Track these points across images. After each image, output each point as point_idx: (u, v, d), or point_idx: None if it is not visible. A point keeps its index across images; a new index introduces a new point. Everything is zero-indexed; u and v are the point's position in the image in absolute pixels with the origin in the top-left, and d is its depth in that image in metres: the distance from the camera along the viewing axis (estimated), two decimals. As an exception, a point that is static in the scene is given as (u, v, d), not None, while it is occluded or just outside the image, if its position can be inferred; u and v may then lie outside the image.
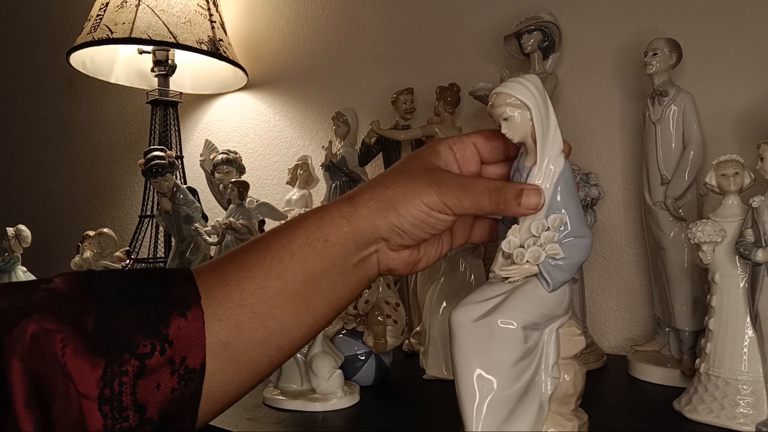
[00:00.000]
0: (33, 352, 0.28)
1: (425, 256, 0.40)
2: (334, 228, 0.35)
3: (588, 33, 0.92)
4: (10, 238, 1.02)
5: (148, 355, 0.30)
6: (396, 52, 1.13)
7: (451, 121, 0.92)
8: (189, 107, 1.42)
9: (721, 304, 0.56)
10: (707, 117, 0.75)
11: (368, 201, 0.36)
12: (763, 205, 0.53)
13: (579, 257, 0.34)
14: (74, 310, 0.30)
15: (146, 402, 0.30)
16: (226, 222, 0.96)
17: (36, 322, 0.28)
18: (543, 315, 0.34)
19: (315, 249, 0.35)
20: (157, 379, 0.30)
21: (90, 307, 0.30)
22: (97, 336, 0.29)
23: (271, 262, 0.34)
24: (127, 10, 1.12)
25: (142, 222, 1.24)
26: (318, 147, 1.15)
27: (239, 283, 0.34)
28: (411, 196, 0.35)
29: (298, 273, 0.34)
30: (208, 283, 0.33)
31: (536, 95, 0.34)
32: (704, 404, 0.55)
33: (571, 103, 0.93)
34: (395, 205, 0.35)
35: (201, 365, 0.31)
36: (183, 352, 0.31)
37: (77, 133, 1.69)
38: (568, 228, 0.34)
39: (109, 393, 0.29)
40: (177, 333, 0.31)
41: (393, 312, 0.71)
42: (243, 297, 0.33)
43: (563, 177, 0.35)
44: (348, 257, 0.36)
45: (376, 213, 0.35)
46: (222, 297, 0.33)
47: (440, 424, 0.36)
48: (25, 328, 0.28)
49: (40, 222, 1.63)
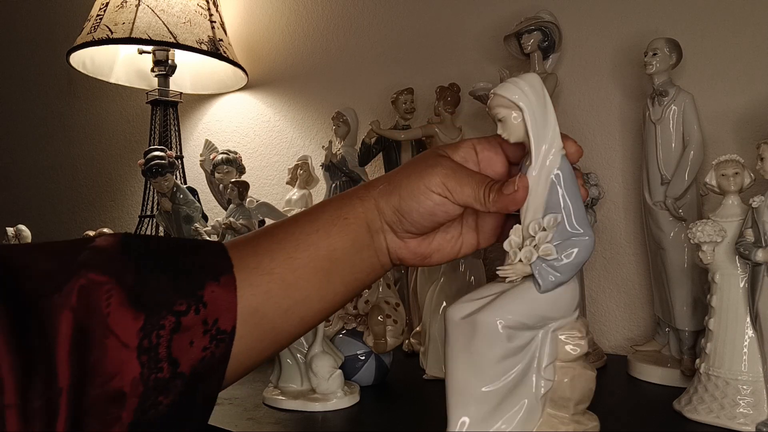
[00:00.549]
0: (80, 305, 0.29)
1: (439, 250, 0.40)
2: (351, 207, 0.38)
3: (588, 33, 0.92)
4: (10, 238, 1.02)
5: (184, 312, 0.32)
6: (396, 52, 1.13)
7: (451, 121, 0.92)
8: (189, 107, 1.42)
9: (721, 304, 0.56)
10: (707, 117, 0.75)
11: (379, 184, 0.38)
12: (763, 205, 0.53)
13: (577, 258, 0.33)
14: (117, 265, 0.32)
15: (179, 357, 0.31)
16: (226, 222, 0.96)
17: (84, 276, 0.30)
18: (532, 316, 0.34)
19: (336, 226, 0.37)
20: (191, 336, 0.32)
21: (130, 267, 0.32)
22: (138, 291, 0.31)
23: (300, 235, 0.37)
24: (127, 10, 1.12)
25: (142, 222, 1.24)
26: (318, 147, 1.15)
27: (270, 252, 0.36)
28: (414, 178, 0.36)
29: (322, 247, 0.37)
30: (242, 252, 0.36)
31: (529, 95, 0.34)
32: (704, 404, 0.55)
33: (571, 103, 0.93)
34: (398, 188, 0.37)
35: (232, 328, 0.33)
36: (216, 314, 0.33)
37: (77, 133, 1.69)
38: (566, 228, 0.34)
39: (147, 344, 0.30)
40: (211, 296, 0.33)
41: (393, 312, 0.71)
42: (273, 266, 0.35)
43: (560, 176, 0.34)
44: (362, 238, 0.38)
45: (382, 195, 0.37)
46: (254, 264, 0.35)
47: (440, 424, 0.36)
48: (75, 283, 0.30)
49: (40, 222, 1.63)
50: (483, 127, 0.98)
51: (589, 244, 0.34)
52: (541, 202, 0.34)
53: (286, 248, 0.36)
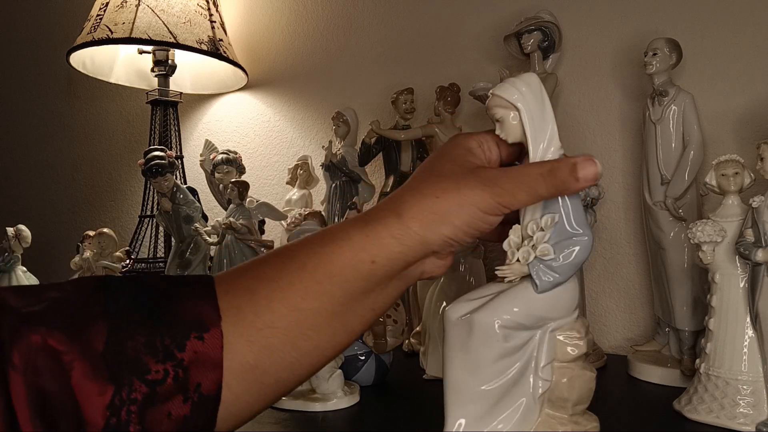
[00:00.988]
0: (37, 368, 0.26)
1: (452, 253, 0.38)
2: (383, 249, 0.32)
3: (588, 33, 0.92)
4: (10, 238, 1.02)
5: (160, 382, 0.28)
6: (396, 52, 1.13)
7: (451, 121, 0.92)
8: (189, 107, 1.42)
9: (721, 304, 0.56)
10: (707, 117, 0.75)
11: (419, 215, 0.32)
12: (763, 205, 0.53)
13: (575, 258, 0.33)
14: (83, 325, 0.27)
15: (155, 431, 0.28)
16: (226, 222, 0.96)
17: (41, 336, 0.26)
18: (530, 316, 0.34)
19: (359, 271, 0.32)
20: (169, 407, 0.28)
21: (101, 325, 0.28)
22: (107, 358, 0.27)
23: (308, 283, 0.31)
24: (127, 10, 1.12)
25: (142, 222, 1.24)
26: (318, 147, 1.15)
27: (270, 303, 0.31)
28: (466, 204, 0.32)
29: (337, 295, 0.32)
30: (236, 301, 0.31)
31: (526, 95, 0.34)
32: (704, 404, 0.55)
33: (571, 103, 0.93)
34: (450, 218, 0.32)
35: (216, 390, 0.29)
36: (198, 377, 0.29)
37: (77, 133, 1.69)
38: (564, 228, 0.34)
39: (115, 422, 0.26)
40: (193, 357, 0.29)
41: (393, 312, 0.71)
42: (275, 319, 0.31)
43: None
44: (394, 274, 0.33)
45: (428, 228, 0.32)
46: (251, 317, 0.30)
47: (440, 424, 0.36)
48: (29, 340, 0.26)
49: (40, 222, 1.63)
50: (483, 127, 0.98)
51: (588, 245, 0.33)
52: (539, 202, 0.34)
53: (290, 298, 0.31)
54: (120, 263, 0.99)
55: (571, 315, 0.34)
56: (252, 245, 0.98)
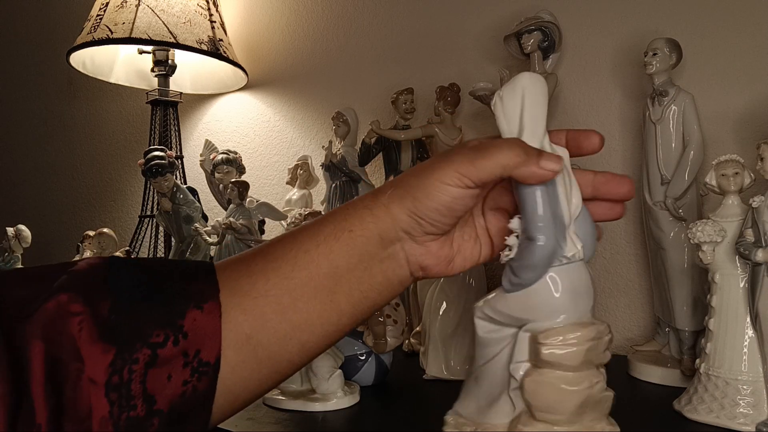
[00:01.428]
0: (51, 334, 0.28)
1: (460, 251, 0.37)
2: (358, 218, 0.34)
3: (588, 33, 0.92)
4: (10, 238, 1.02)
5: (161, 344, 0.29)
6: (396, 52, 1.13)
7: (451, 121, 0.92)
8: (189, 107, 1.43)
9: (721, 304, 0.56)
10: (707, 117, 0.75)
11: (388, 189, 0.35)
12: (763, 205, 0.54)
13: (528, 261, 0.32)
14: (92, 294, 0.30)
15: (156, 393, 0.29)
16: (226, 222, 0.96)
17: (58, 302, 0.29)
18: (500, 313, 0.34)
19: (340, 240, 0.34)
20: (169, 370, 0.30)
21: (107, 294, 0.30)
22: (111, 323, 0.29)
23: (297, 252, 0.34)
24: (127, 10, 1.12)
25: (142, 222, 1.24)
26: (318, 147, 1.15)
27: (265, 273, 0.33)
28: (425, 176, 0.33)
29: (323, 265, 0.33)
30: (234, 274, 0.33)
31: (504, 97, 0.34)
32: (704, 404, 0.55)
33: (571, 103, 0.93)
34: (411, 190, 0.33)
35: (216, 359, 0.31)
36: (197, 344, 0.30)
37: (77, 133, 1.69)
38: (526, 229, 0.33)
39: (117, 380, 0.28)
40: (192, 324, 0.30)
41: (393, 312, 0.71)
42: (268, 287, 0.33)
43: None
44: (373, 252, 0.34)
45: (394, 201, 0.34)
46: (248, 287, 0.33)
47: (440, 424, 0.36)
48: (47, 309, 0.28)
49: (40, 222, 1.63)
50: (483, 128, 0.98)
51: (541, 249, 0.32)
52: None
53: (282, 267, 0.33)
54: (120, 263, 0.99)
55: (549, 319, 0.33)
56: (252, 245, 0.98)
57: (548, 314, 0.33)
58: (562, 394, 0.32)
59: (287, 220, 1.00)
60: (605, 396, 0.33)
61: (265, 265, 0.33)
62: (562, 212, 0.33)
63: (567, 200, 0.34)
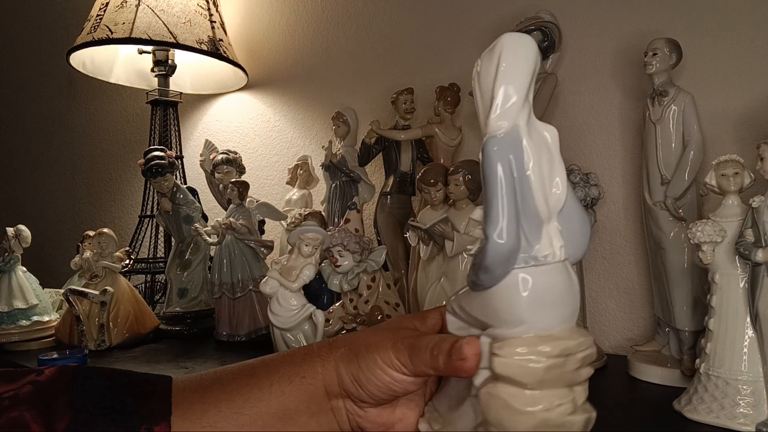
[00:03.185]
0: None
1: (403, 419, 0.36)
2: (310, 366, 0.35)
3: (588, 33, 0.92)
4: (10, 238, 1.02)
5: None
6: (396, 52, 1.13)
7: (451, 121, 0.92)
8: (189, 107, 1.43)
9: (721, 304, 0.56)
10: (707, 117, 0.75)
11: (341, 346, 0.36)
12: (763, 205, 0.53)
13: (479, 260, 0.28)
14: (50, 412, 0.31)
15: None
16: (226, 222, 0.96)
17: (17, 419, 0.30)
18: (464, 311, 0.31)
19: (292, 383, 0.35)
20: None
21: (66, 412, 0.31)
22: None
23: (252, 388, 0.34)
24: (127, 10, 1.12)
25: (142, 222, 1.24)
26: (318, 147, 1.15)
27: (218, 404, 0.34)
28: (371, 349, 0.34)
29: (273, 405, 0.34)
30: (190, 397, 0.34)
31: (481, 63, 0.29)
32: (704, 404, 0.55)
33: (571, 103, 0.93)
34: (357, 357, 0.34)
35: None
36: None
37: (77, 133, 1.69)
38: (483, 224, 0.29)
39: None
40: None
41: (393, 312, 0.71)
42: (218, 419, 0.33)
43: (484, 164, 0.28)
44: (320, 401, 0.35)
45: (343, 361, 0.35)
46: (199, 414, 0.33)
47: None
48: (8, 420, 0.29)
49: (40, 222, 1.63)
50: (483, 127, 0.98)
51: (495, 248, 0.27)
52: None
53: (235, 400, 0.34)
54: (120, 263, 0.99)
55: (509, 328, 0.29)
56: (252, 245, 0.98)
57: (508, 321, 0.29)
58: (513, 414, 0.28)
59: (287, 220, 1.00)
60: (568, 421, 0.28)
61: (219, 395, 0.34)
62: (536, 204, 0.28)
63: (544, 190, 0.29)
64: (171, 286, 1.07)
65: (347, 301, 0.76)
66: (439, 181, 0.75)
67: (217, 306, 0.98)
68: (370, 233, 0.97)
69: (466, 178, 0.73)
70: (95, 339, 0.92)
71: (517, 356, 0.28)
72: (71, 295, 0.94)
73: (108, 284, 0.95)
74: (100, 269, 0.98)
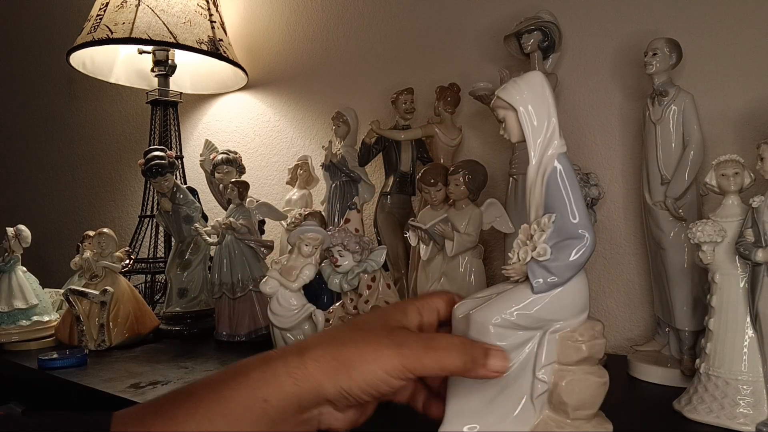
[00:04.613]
0: None
1: (365, 412, 0.36)
2: (277, 387, 0.31)
3: (588, 33, 0.92)
4: (10, 238, 1.02)
5: None
6: (396, 52, 1.13)
7: (451, 121, 0.92)
8: (189, 107, 1.43)
9: (721, 304, 0.56)
10: (707, 117, 0.75)
11: (320, 358, 0.32)
12: (763, 205, 0.53)
13: (573, 259, 0.32)
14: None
15: None
16: (226, 222, 0.96)
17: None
18: (527, 316, 0.33)
19: (252, 411, 0.31)
20: None
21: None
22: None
23: (201, 421, 0.30)
24: (127, 10, 1.12)
25: (142, 222, 1.24)
26: (318, 147, 1.15)
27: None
28: (371, 360, 0.31)
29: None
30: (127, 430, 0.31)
31: (526, 96, 0.34)
32: (704, 404, 0.55)
33: (571, 103, 0.93)
34: (348, 367, 0.31)
35: None
36: None
37: (77, 133, 1.69)
38: (565, 228, 0.33)
39: None
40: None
41: (393, 312, 0.71)
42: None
43: (557, 173, 0.34)
44: (288, 419, 0.32)
45: (325, 373, 0.31)
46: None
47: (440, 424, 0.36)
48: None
49: (40, 222, 1.63)
50: (483, 127, 0.98)
51: (587, 246, 0.33)
52: (539, 200, 0.34)
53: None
54: (120, 263, 0.99)
55: (576, 317, 0.33)
56: (252, 245, 0.98)
57: (577, 312, 0.33)
58: (596, 388, 0.33)
59: (287, 220, 1.00)
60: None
61: (163, 426, 0.30)
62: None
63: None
64: (171, 286, 1.07)
65: (347, 301, 0.76)
66: (439, 181, 0.75)
67: (217, 306, 0.98)
68: (370, 233, 0.97)
69: (466, 178, 0.73)
70: (95, 339, 0.92)
71: (593, 337, 0.33)
72: (71, 295, 0.94)
73: (108, 284, 0.96)
74: (100, 269, 0.98)
